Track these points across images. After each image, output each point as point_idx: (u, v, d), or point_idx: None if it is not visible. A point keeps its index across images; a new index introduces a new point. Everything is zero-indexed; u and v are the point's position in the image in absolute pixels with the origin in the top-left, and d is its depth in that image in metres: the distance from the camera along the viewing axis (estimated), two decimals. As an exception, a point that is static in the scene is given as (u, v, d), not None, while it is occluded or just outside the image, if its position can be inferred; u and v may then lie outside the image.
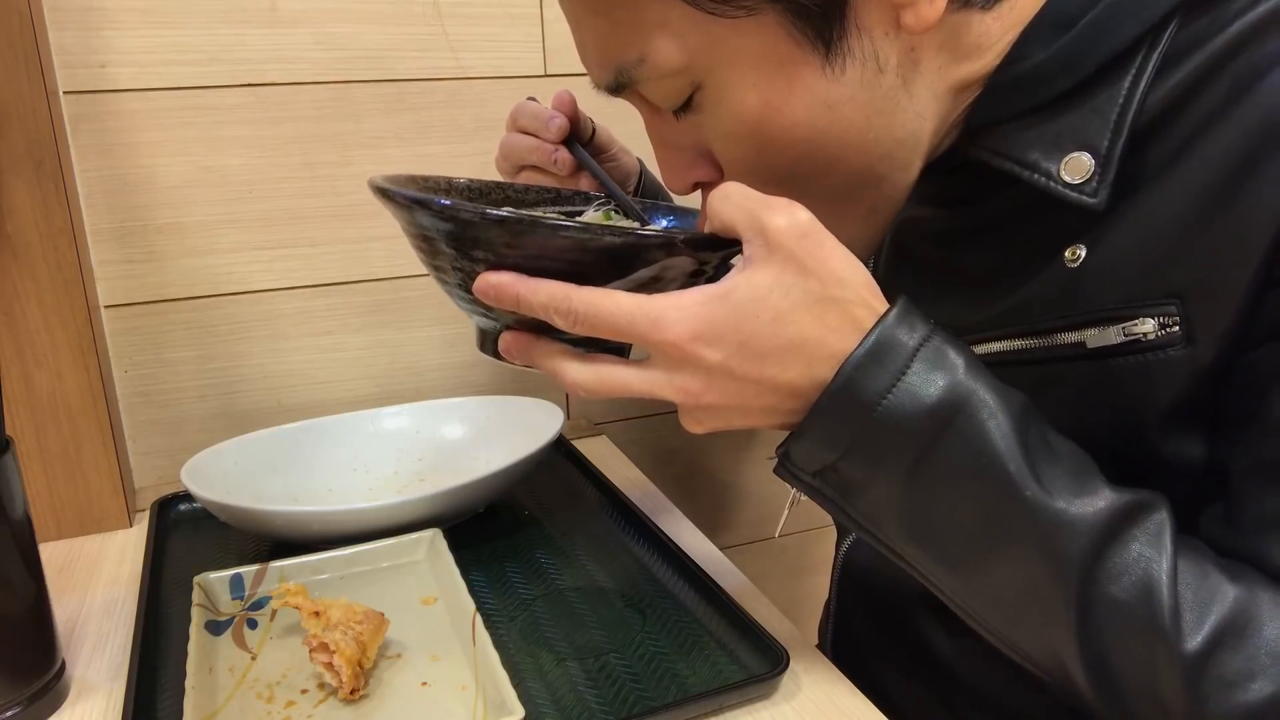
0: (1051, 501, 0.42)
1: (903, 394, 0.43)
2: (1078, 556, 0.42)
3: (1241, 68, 0.44)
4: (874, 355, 0.43)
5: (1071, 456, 0.45)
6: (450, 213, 0.46)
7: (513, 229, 0.45)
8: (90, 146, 0.78)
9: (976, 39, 0.49)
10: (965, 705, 0.62)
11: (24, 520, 0.52)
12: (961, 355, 0.45)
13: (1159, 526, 0.43)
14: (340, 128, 0.85)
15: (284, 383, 0.89)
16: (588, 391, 0.47)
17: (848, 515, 0.47)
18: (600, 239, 0.45)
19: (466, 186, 0.61)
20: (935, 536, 0.45)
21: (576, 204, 0.64)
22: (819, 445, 0.45)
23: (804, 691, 0.54)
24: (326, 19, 0.82)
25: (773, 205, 0.44)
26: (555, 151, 0.65)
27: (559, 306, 0.45)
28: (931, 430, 0.43)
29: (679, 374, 0.45)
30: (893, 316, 0.44)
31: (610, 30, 0.49)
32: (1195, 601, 0.41)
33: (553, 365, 0.48)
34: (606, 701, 0.52)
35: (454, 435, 0.84)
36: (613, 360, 0.47)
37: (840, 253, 0.45)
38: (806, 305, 0.44)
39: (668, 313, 0.44)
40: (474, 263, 0.47)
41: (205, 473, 0.71)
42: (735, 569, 0.68)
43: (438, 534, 0.66)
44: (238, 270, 0.85)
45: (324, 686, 0.53)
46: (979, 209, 0.54)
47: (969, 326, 0.53)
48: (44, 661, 0.54)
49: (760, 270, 0.44)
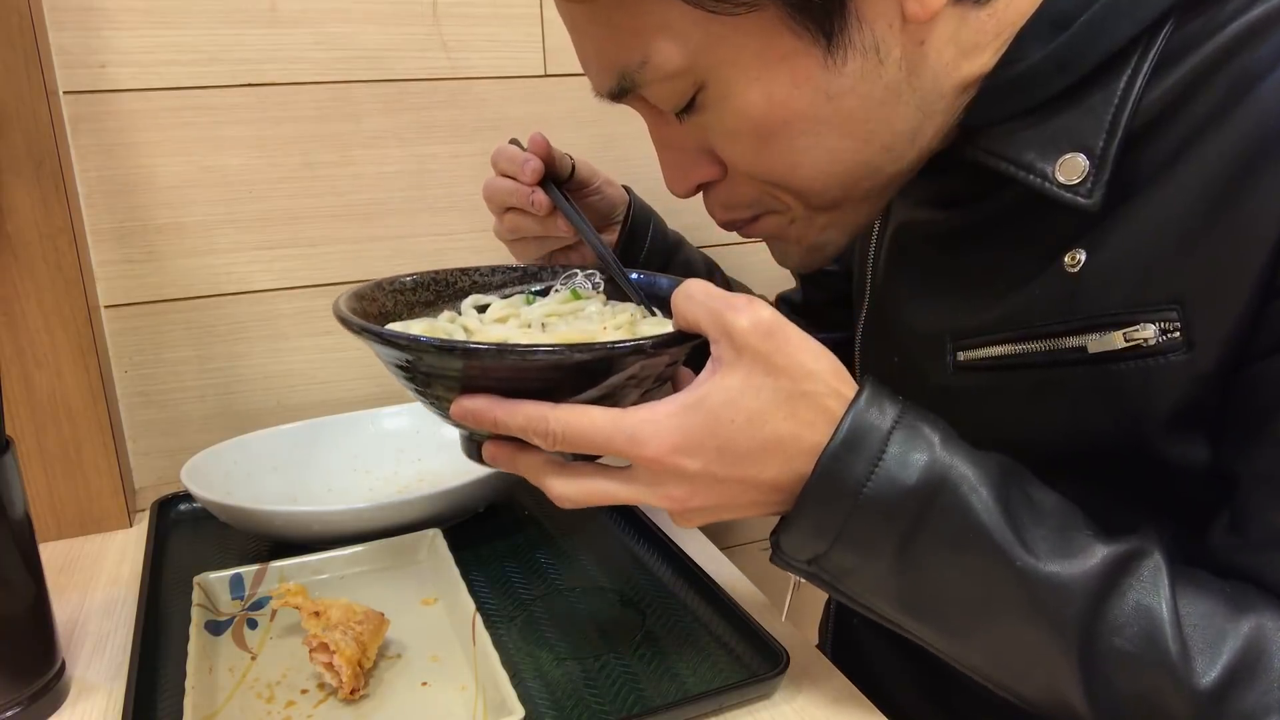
0: (1042, 566, 0.43)
1: (882, 478, 0.44)
2: (1075, 618, 0.42)
3: (1238, 70, 0.43)
4: (849, 444, 0.44)
5: (1058, 513, 0.45)
6: (422, 348, 0.45)
7: (484, 356, 0.44)
8: (90, 146, 0.78)
9: (975, 36, 0.49)
10: (964, 705, 0.62)
11: (24, 520, 0.52)
12: (936, 430, 0.45)
13: (1154, 572, 0.43)
14: (340, 128, 0.85)
15: (284, 383, 0.89)
16: (572, 504, 0.47)
17: (844, 596, 0.48)
18: (572, 357, 0.45)
19: (433, 280, 0.60)
20: (931, 611, 0.46)
21: (544, 279, 0.63)
22: (807, 536, 0.46)
23: (804, 692, 0.54)
24: (326, 19, 0.82)
25: (735, 306, 0.45)
26: (532, 194, 0.66)
27: (537, 429, 0.45)
28: (914, 511, 0.44)
29: (663, 485, 0.46)
30: (863, 401, 0.45)
31: (611, 35, 0.49)
32: (1204, 642, 0.41)
33: (537, 478, 0.48)
34: (606, 701, 0.52)
35: (454, 435, 0.84)
36: (596, 472, 0.47)
37: (806, 345, 0.45)
38: (778, 403, 0.44)
39: (643, 428, 0.44)
40: (448, 386, 0.47)
41: (205, 473, 0.71)
42: (735, 569, 0.68)
43: (438, 534, 0.66)
44: (237, 270, 0.85)
45: (324, 686, 0.53)
46: (977, 210, 0.54)
47: (970, 329, 0.53)
48: (44, 661, 0.54)
49: (729, 373, 0.44)
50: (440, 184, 0.89)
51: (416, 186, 0.88)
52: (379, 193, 0.87)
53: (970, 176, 0.53)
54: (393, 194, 0.88)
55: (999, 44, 0.49)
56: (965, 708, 0.62)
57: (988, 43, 0.49)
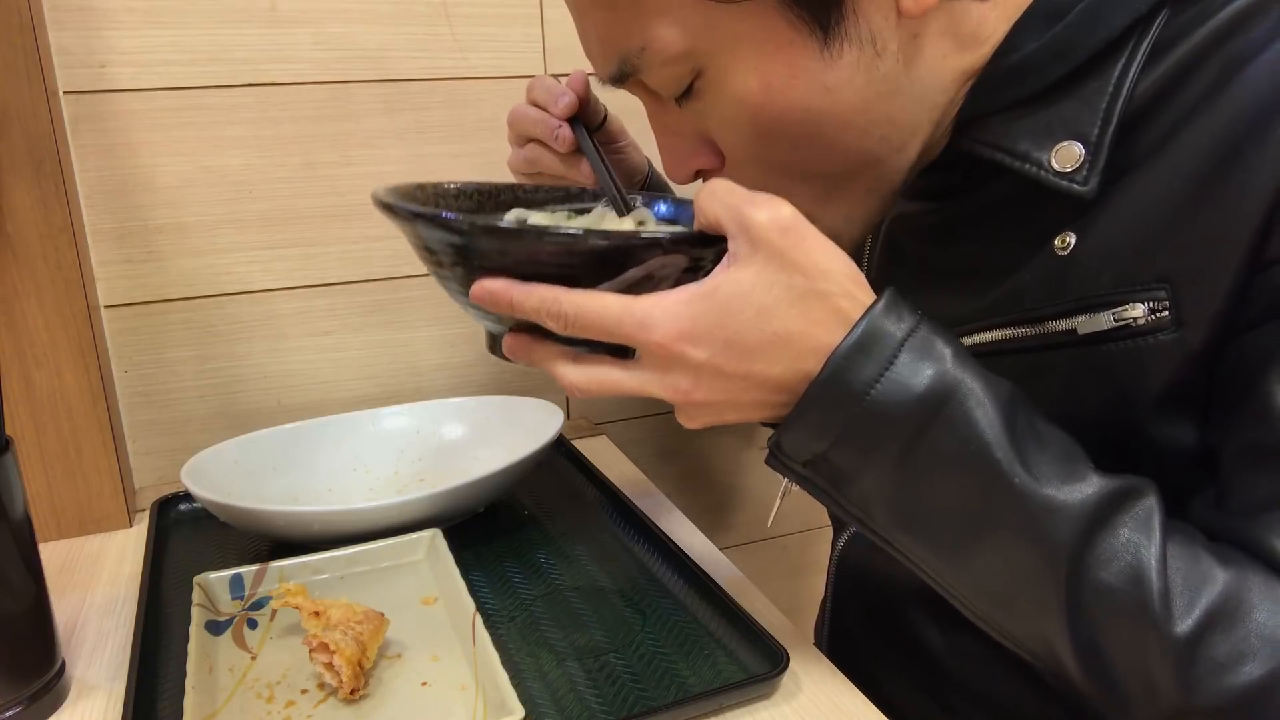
0: (1040, 488, 0.43)
1: (890, 383, 0.43)
2: (1066, 542, 0.42)
3: (1227, 55, 0.44)
4: (861, 346, 0.44)
5: (1059, 443, 0.45)
6: (444, 224, 0.47)
7: (502, 236, 0.46)
8: (90, 146, 0.78)
9: (975, 28, 0.49)
10: (960, 702, 0.62)
11: (24, 520, 0.52)
12: (949, 345, 0.45)
13: (1148, 512, 0.43)
14: (340, 128, 0.85)
15: (284, 383, 0.89)
16: (581, 391, 0.48)
17: (838, 504, 0.48)
18: (586, 242, 0.46)
19: (476, 190, 0.61)
20: (925, 524, 0.46)
21: (585, 201, 0.64)
22: (809, 435, 0.46)
23: (804, 691, 0.54)
24: (326, 19, 0.82)
25: (755, 201, 0.45)
26: (558, 128, 0.64)
27: (549, 309, 0.46)
28: (919, 419, 0.43)
29: (668, 374, 0.46)
30: (880, 307, 0.45)
31: (613, 19, 0.49)
32: (1185, 585, 0.41)
33: (550, 366, 0.49)
34: (606, 701, 0.52)
35: (454, 435, 0.84)
36: (605, 361, 0.48)
37: (823, 245, 0.45)
38: (790, 300, 0.44)
39: (653, 313, 0.44)
40: (471, 270, 0.48)
41: (205, 473, 0.71)
42: (735, 569, 0.68)
43: (438, 534, 0.66)
44: (237, 270, 0.85)
45: (324, 686, 0.53)
46: (969, 201, 0.55)
47: (961, 318, 0.54)
48: (44, 661, 0.54)
49: (743, 267, 0.44)
50: (440, 184, 0.89)
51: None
52: (379, 193, 0.87)
53: (964, 168, 0.53)
54: (393, 194, 0.88)
55: (996, 36, 0.49)
56: (959, 704, 0.62)
57: (986, 34, 0.50)
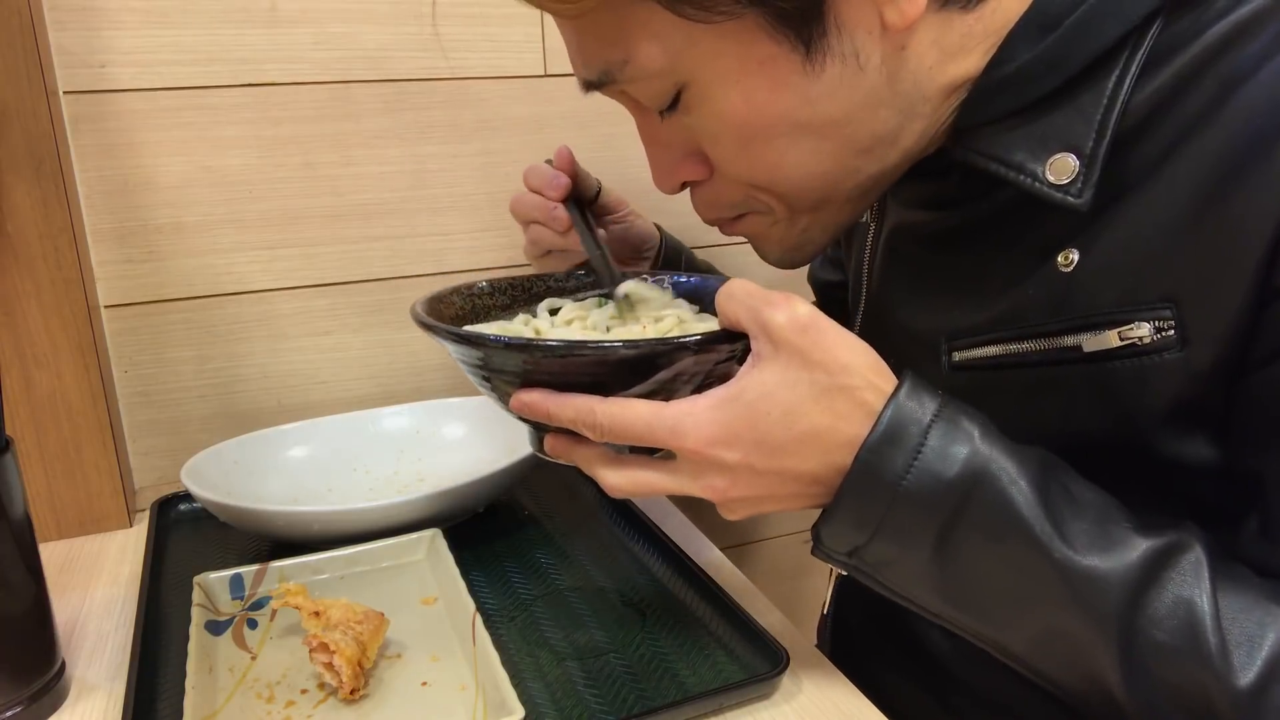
0: (1081, 559, 0.43)
1: (921, 471, 0.44)
2: (1115, 611, 0.42)
3: (1225, 70, 0.44)
4: (889, 436, 0.44)
5: (1096, 507, 0.45)
6: (478, 343, 0.49)
7: (533, 353, 0.48)
8: (90, 146, 0.78)
9: (960, 40, 0.49)
10: (961, 703, 0.62)
11: (24, 520, 0.52)
12: (976, 424, 0.45)
13: (1195, 564, 0.43)
14: (340, 128, 0.85)
15: (284, 383, 0.89)
16: (622, 493, 0.49)
17: (884, 588, 0.48)
18: (618, 353, 0.47)
19: (509, 285, 0.64)
20: (970, 602, 0.46)
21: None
22: (847, 528, 0.46)
23: (804, 691, 0.54)
24: (326, 19, 0.82)
25: (773, 302, 0.46)
26: (554, 209, 0.68)
27: (585, 420, 0.48)
28: (954, 503, 0.44)
29: (704, 476, 0.47)
30: (903, 394, 0.45)
31: (595, 33, 0.50)
32: (1243, 637, 0.41)
33: (591, 468, 0.51)
34: (606, 701, 0.52)
35: (454, 435, 0.84)
36: (643, 463, 0.49)
37: (843, 339, 0.46)
38: (814, 397, 0.45)
39: (684, 421, 0.46)
40: (506, 382, 0.50)
41: (205, 473, 0.71)
42: (735, 569, 0.68)
43: (438, 534, 0.66)
44: (237, 270, 0.85)
45: (324, 686, 0.53)
46: (969, 211, 0.54)
47: (965, 329, 0.54)
48: (44, 661, 0.54)
49: (767, 368, 0.45)
50: (440, 184, 0.89)
51: (416, 186, 0.88)
52: (379, 193, 0.87)
53: (962, 178, 0.53)
54: (392, 194, 0.88)
55: (986, 47, 0.49)
56: (961, 704, 0.62)
57: (974, 46, 0.49)
